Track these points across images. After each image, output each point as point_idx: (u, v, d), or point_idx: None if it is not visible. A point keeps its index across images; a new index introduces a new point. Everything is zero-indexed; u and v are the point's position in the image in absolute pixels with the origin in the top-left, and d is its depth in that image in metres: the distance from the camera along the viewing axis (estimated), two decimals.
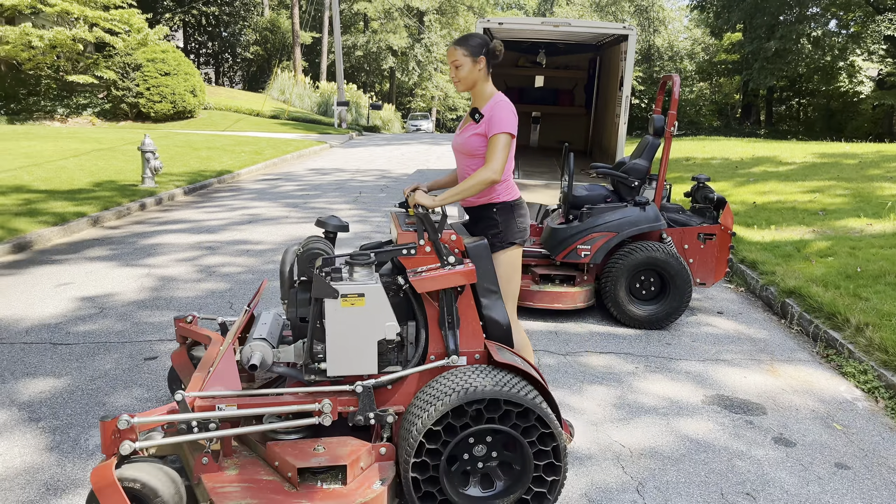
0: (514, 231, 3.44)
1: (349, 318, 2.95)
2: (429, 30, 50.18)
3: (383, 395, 3.09)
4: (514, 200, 3.45)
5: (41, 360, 4.63)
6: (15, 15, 24.87)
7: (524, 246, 3.53)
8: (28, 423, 3.78)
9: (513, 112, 3.32)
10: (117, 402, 4.02)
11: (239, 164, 15.37)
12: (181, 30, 41.89)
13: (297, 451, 2.87)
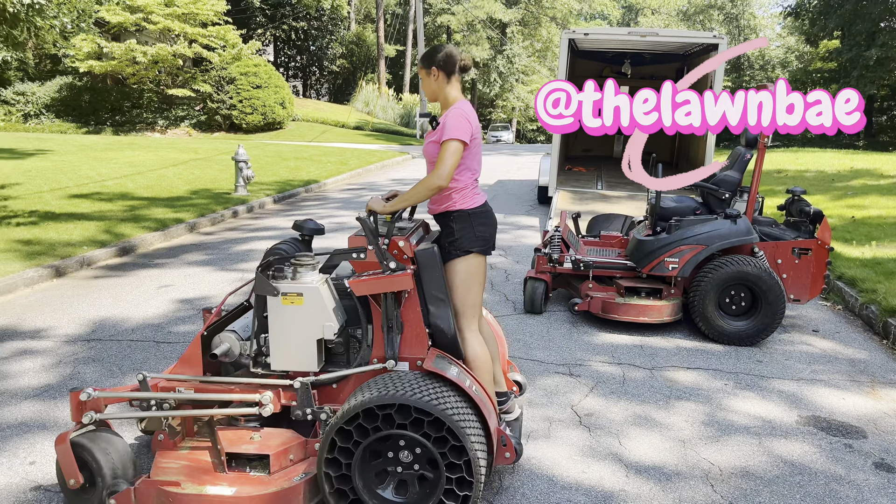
0: (470, 239, 3.31)
1: (289, 315, 3.09)
2: (511, 41, 50.25)
3: (330, 394, 3.19)
4: (474, 209, 3.34)
5: (146, 356, 4.91)
6: (121, 32, 26.48)
7: (487, 255, 3.42)
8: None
9: (465, 118, 3.21)
10: None
11: (325, 173, 15.83)
12: (272, 44, 43.51)
13: (235, 437, 3.06)
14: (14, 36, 9.17)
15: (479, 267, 3.37)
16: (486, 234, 3.37)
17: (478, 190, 3.41)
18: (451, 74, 3.36)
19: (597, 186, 11.71)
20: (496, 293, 6.61)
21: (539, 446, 3.73)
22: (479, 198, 3.39)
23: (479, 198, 3.39)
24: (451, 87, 3.36)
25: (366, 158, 19.53)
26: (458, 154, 3.17)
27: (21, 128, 25.15)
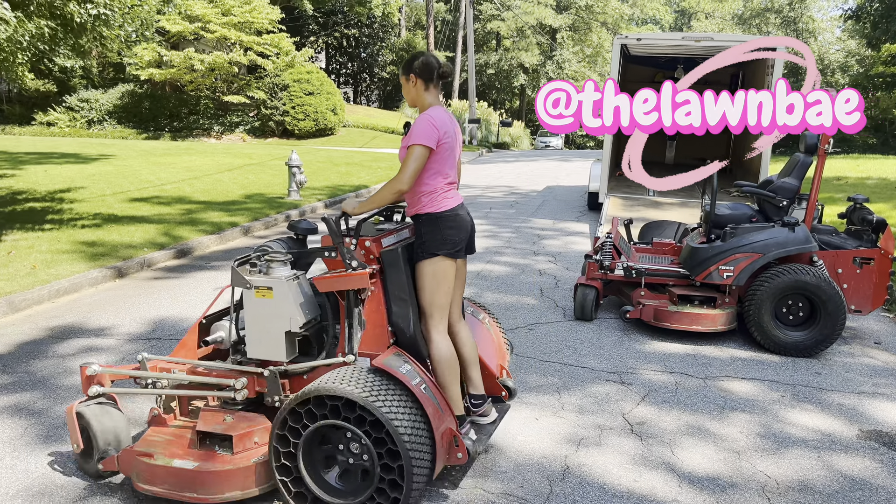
0: (437, 242, 3.35)
1: (261, 308, 3.29)
2: (561, 46, 50.04)
3: (302, 384, 3.32)
4: (442, 212, 3.37)
5: None
6: (180, 41, 27.29)
7: (458, 258, 3.46)
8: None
9: (432, 124, 3.28)
10: None
11: (375, 179, 16.00)
12: (324, 51, 44.25)
13: (212, 417, 3.27)
14: (80, 45, 9.54)
15: (446, 270, 3.39)
16: (455, 238, 3.40)
17: (451, 194, 3.44)
18: (429, 81, 3.47)
19: (648, 193, 11.56)
20: (545, 299, 6.60)
21: (590, 453, 3.71)
22: (451, 202, 3.42)
23: (451, 202, 3.42)
24: (429, 94, 3.47)
25: None
26: (420, 159, 3.26)
27: (85, 133, 26.11)
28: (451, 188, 3.46)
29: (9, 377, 4.74)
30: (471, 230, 3.55)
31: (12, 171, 13.96)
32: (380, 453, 2.94)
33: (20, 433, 3.90)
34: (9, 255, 7.68)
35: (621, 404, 4.33)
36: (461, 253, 3.48)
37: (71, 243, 8.22)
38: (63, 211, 10.30)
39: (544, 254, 8.60)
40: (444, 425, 3.13)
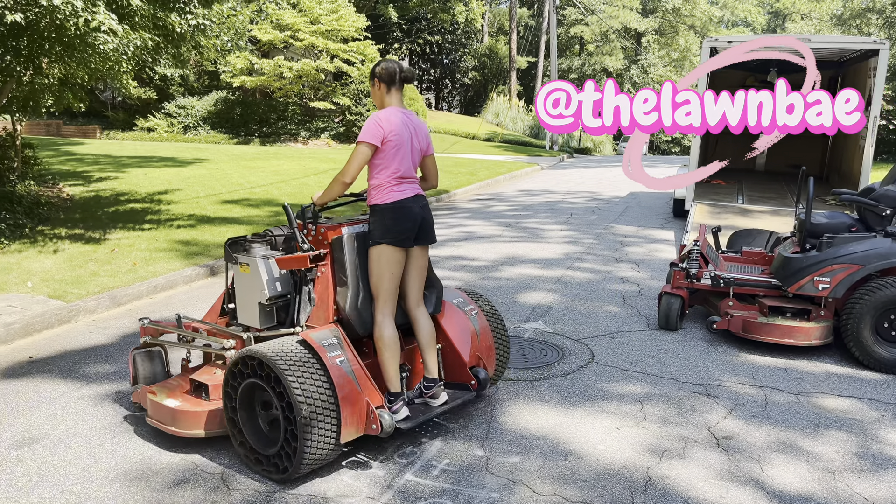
0: (381, 231, 3.70)
1: (243, 281, 3.86)
2: (646, 51, 48.99)
3: None
4: (386, 204, 3.71)
5: None
6: (270, 49, 28.27)
7: (403, 247, 3.74)
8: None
9: (377, 124, 3.66)
10: None
11: (455, 184, 16.10)
12: (407, 58, 44.85)
13: (206, 370, 3.96)
14: (180, 54, 10.04)
15: (389, 258, 3.71)
16: (398, 229, 3.70)
17: (400, 188, 3.74)
18: (391, 85, 3.84)
19: (737, 200, 11.17)
20: (628, 307, 6.47)
21: (673, 466, 3.62)
22: (398, 195, 3.72)
23: (398, 195, 3.72)
24: (390, 97, 3.84)
25: (495, 169, 19.68)
26: (361, 155, 3.67)
27: (181, 138, 27.38)
28: (402, 182, 3.76)
29: (111, 366, 5.03)
30: (421, 221, 3.81)
31: (116, 173, 14.80)
32: (282, 406, 3.36)
33: (120, 420, 4.13)
34: (112, 252, 8.15)
35: (707, 417, 4.20)
36: (408, 242, 3.76)
37: (168, 242, 8.64)
38: (161, 212, 10.85)
39: (627, 261, 8.43)
40: (359, 396, 3.44)
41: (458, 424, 4.03)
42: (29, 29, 7.51)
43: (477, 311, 4.30)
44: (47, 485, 3.41)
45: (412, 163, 3.82)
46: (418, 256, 3.87)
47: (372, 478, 3.47)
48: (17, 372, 4.99)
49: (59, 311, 6.16)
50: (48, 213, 10.26)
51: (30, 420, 4.15)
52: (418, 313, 3.89)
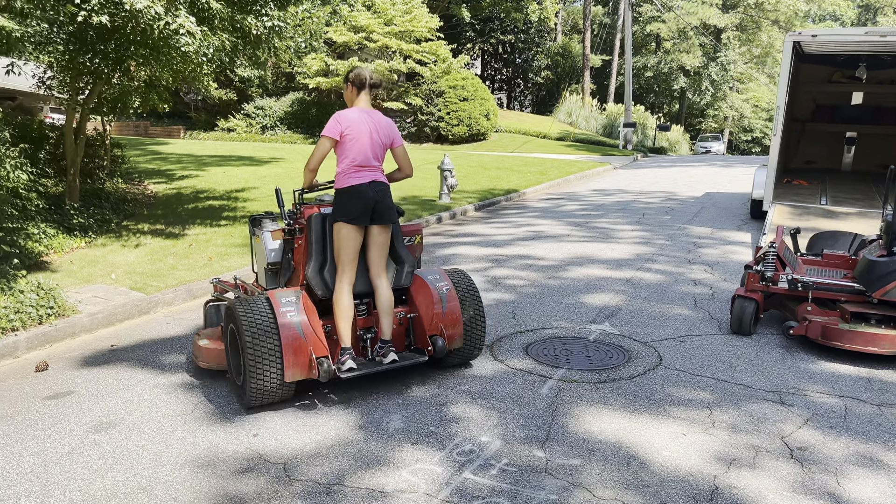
0: (338, 212, 4.36)
1: (257, 249, 4.91)
2: (726, 47, 47.40)
3: None
4: (343, 188, 4.36)
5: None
6: (345, 51, 28.80)
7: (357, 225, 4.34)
8: (343, 402, 4.35)
9: (336, 121, 4.38)
10: (413, 394, 4.44)
11: (525, 183, 16.00)
12: (480, 58, 44.87)
13: None
14: (257, 56, 10.33)
15: (346, 234, 4.34)
16: (350, 210, 4.32)
17: (359, 175, 4.36)
18: (361, 89, 4.53)
19: (820, 201, 10.67)
20: (699, 310, 6.27)
21: (742, 475, 3.48)
22: (355, 180, 4.34)
23: (355, 180, 4.34)
24: (359, 99, 4.55)
25: (566, 169, 19.45)
26: (321, 147, 4.37)
27: (259, 138, 28.23)
28: (361, 170, 4.37)
29: (186, 357, 5.22)
30: (374, 204, 4.35)
31: (197, 172, 15.38)
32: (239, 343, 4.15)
33: (191, 409, 4.28)
34: (189, 247, 8.46)
35: (780, 426, 4.02)
36: (362, 221, 4.35)
37: (243, 238, 8.91)
38: (237, 208, 11.20)
39: (700, 263, 8.18)
40: (304, 346, 4.08)
41: (518, 425, 4.00)
42: (115, 32, 7.88)
43: (448, 288, 4.67)
44: (121, 468, 3.56)
45: (372, 153, 4.41)
46: (377, 234, 4.44)
47: (430, 475, 3.47)
48: (99, 359, 5.24)
49: (139, 302, 6.44)
50: (133, 209, 10.74)
51: (108, 406, 4.35)
52: (378, 283, 4.46)
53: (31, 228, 7.93)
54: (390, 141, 4.56)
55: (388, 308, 4.42)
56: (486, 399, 4.36)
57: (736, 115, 50.96)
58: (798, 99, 12.81)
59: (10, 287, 5.91)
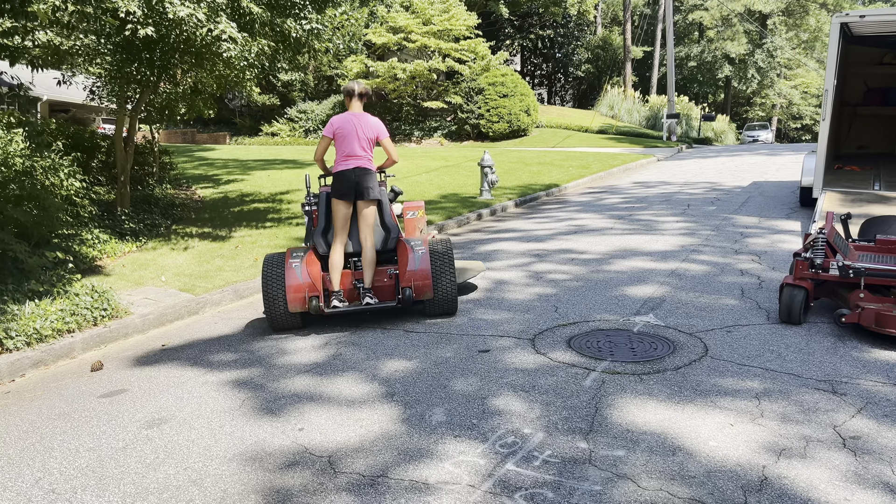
0: (332, 190, 5.77)
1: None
2: (772, 33, 46.21)
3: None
4: (335, 172, 5.74)
5: (397, 344, 5.34)
6: (384, 52, 29.00)
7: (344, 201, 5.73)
8: (386, 396, 4.39)
9: (329, 123, 5.75)
10: (455, 387, 4.46)
11: (566, 178, 15.87)
12: (519, 54, 44.67)
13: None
14: (297, 59, 10.49)
15: (336, 206, 5.73)
16: (338, 188, 5.70)
17: (346, 162, 5.67)
18: (350, 98, 5.84)
19: (873, 187, 10.32)
20: (747, 300, 6.14)
21: (792, 466, 3.40)
22: (342, 167, 5.68)
23: (342, 167, 5.68)
24: (352, 105, 5.84)
25: (608, 162, 19.23)
26: (321, 143, 5.78)
27: (302, 141, 28.64)
28: (348, 159, 5.68)
29: (233, 355, 5.34)
30: (355, 185, 5.66)
31: (242, 175, 15.69)
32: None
33: (239, 405, 4.37)
34: (236, 248, 8.64)
35: (832, 415, 3.91)
36: (348, 196, 5.70)
37: (287, 239, 9.06)
38: (281, 210, 11.39)
39: (747, 252, 8.01)
40: (301, 287, 5.49)
41: (561, 417, 3.98)
42: (161, 41, 8.09)
43: (423, 252, 5.78)
44: (172, 462, 3.66)
45: (358, 146, 5.67)
46: (361, 207, 5.75)
47: (473, 466, 3.48)
48: (151, 359, 5.40)
49: (188, 303, 6.60)
50: (181, 213, 11.02)
51: (160, 402, 4.48)
52: (364, 245, 5.74)
53: (84, 234, 8.20)
54: (375, 135, 5.77)
55: (368, 263, 5.70)
56: (528, 392, 4.35)
57: (784, 102, 49.66)
58: (848, 82, 12.42)
59: (65, 290, 6.13)
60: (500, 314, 5.97)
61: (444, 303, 5.85)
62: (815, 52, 51.78)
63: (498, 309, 6.14)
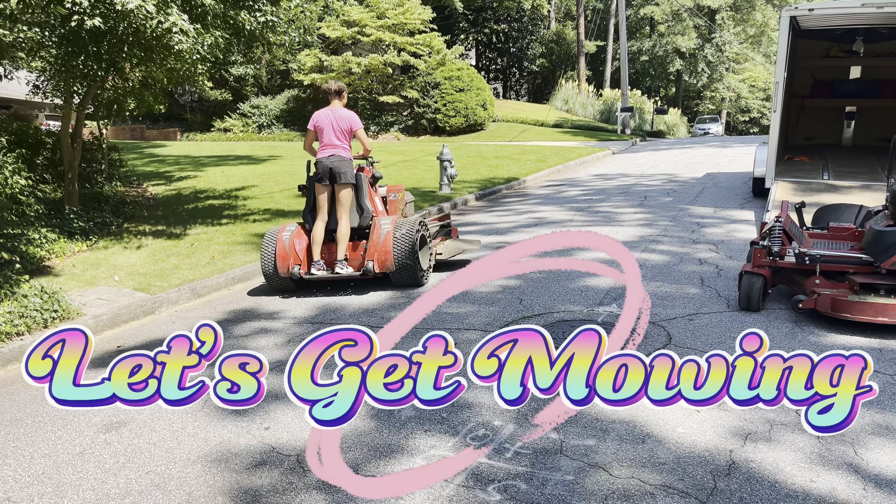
0: (315, 174, 6.63)
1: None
2: (720, 28, 47.21)
3: None
4: (316, 160, 6.61)
5: None
6: (338, 46, 28.69)
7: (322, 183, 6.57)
8: None
9: (311, 118, 6.69)
10: None
11: (525, 171, 15.95)
12: (474, 48, 44.70)
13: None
14: (252, 52, 10.27)
15: (318, 189, 6.60)
16: (318, 173, 6.57)
17: (325, 151, 6.55)
18: (329, 96, 6.72)
19: (822, 176, 10.62)
20: (707, 289, 6.24)
21: (759, 449, 3.45)
22: (320, 155, 6.56)
23: (320, 155, 6.56)
24: (332, 102, 6.68)
25: (565, 155, 19.39)
26: (307, 135, 6.76)
27: (256, 137, 28.15)
28: (326, 148, 6.54)
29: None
30: (329, 170, 6.48)
31: (195, 172, 15.34)
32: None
33: (201, 405, 4.25)
34: (192, 246, 8.43)
35: None
36: (324, 180, 6.53)
37: (244, 236, 8.88)
38: (237, 207, 11.17)
39: (705, 242, 8.14)
40: (288, 255, 6.41)
41: (531, 408, 3.97)
42: (108, 34, 7.82)
43: (388, 230, 6.48)
44: (133, 466, 3.54)
45: (335, 137, 6.51)
46: (337, 190, 6.53)
47: (445, 460, 3.45)
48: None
49: (143, 302, 6.42)
50: (133, 211, 10.72)
51: (117, 405, 4.32)
52: (340, 222, 6.54)
53: (31, 234, 7.90)
54: (348, 127, 6.59)
55: (342, 237, 6.51)
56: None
57: (733, 95, 50.81)
58: (796, 75, 12.73)
59: (13, 292, 5.89)
60: (465, 307, 5.95)
61: (405, 275, 6.52)
62: (761, 47, 53.12)
63: (463, 302, 6.11)
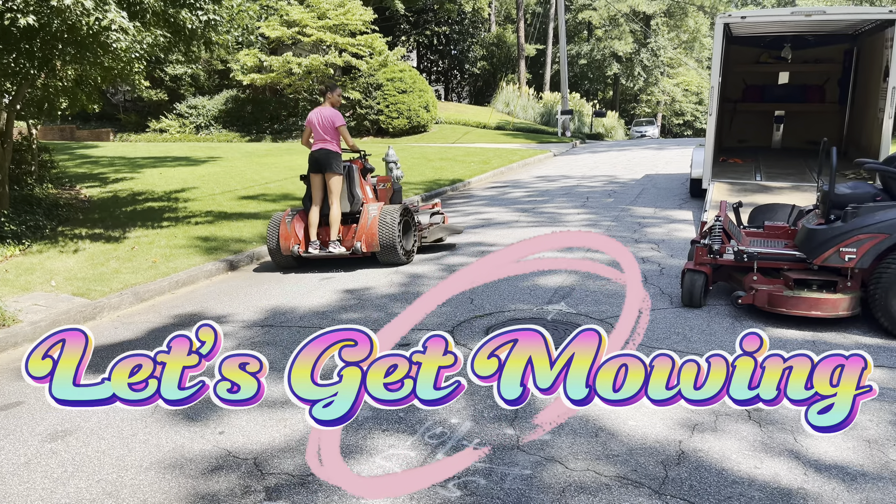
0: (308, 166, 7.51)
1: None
2: (655, 34, 48.53)
3: None
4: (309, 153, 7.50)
5: None
6: (278, 46, 28.28)
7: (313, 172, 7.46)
8: None
9: (308, 117, 7.51)
10: None
11: (469, 173, 16.06)
12: (415, 50, 44.72)
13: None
14: (192, 51, 10.06)
15: (312, 178, 7.43)
16: (310, 165, 7.41)
17: (315, 146, 7.41)
18: (323, 96, 7.99)
19: (755, 178, 11.06)
20: (650, 286, 6.43)
21: (706, 439, 3.60)
22: (313, 149, 7.42)
23: (313, 149, 7.42)
24: (325, 101, 7.59)
25: (508, 157, 19.61)
26: (304, 132, 7.64)
27: (193, 138, 27.51)
28: (316, 142, 7.38)
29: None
30: (315, 161, 7.34)
31: (131, 174, 14.89)
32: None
33: (151, 411, 4.16)
34: (132, 250, 8.20)
35: None
36: (315, 170, 7.36)
37: (187, 238, 8.69)
38: (178, 209, 10.90)
39: (647, 241, 8.38)
40: (289, 236, 7.32)
41: (486, 405, 4.03)
42: (42, 31, 7.54)
43: (375, 214, 7.30)
44: (82, 475, 3.44)
45: (323, 132, 7.33)
46: (327, 179, 7.30)
47: (403, 458, 3.47)
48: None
49: (83, 308, 6.21)
50: (67, 214, 10.34)
51: (61, 414, 4.19)
52: (331, 207, 7.31)
53: None
54: (331, 123, 7.33)
55: (334, 220, 7.31)
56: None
57: (668, 99, 52.25)
58: (729, 80, 13.23)
59: None
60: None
61: (389, 255, 7.35)
62: (693, 52, 54.79)
63: (414, 302, 6.12)
